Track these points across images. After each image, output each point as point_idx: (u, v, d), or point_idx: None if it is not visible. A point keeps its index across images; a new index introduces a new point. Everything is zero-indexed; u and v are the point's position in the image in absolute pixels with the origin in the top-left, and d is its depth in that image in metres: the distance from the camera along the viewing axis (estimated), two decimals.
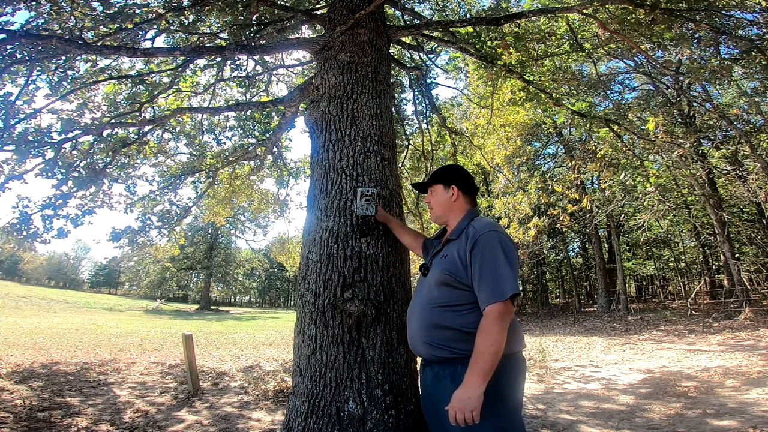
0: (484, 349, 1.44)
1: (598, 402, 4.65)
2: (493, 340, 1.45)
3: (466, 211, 1.81)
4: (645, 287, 28.52)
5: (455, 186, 1.84)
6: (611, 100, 12.09)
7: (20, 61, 4.12)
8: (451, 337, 1.58)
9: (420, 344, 1.69)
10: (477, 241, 1.59)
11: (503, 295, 1.48)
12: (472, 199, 1.87)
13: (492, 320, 1.47)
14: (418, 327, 1.70)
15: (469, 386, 1.43)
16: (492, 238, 1.58)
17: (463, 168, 1.97)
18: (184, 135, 7.32)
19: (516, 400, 1.58)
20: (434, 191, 1.91)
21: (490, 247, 1.57)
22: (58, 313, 21.28)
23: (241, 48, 4.17)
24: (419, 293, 1.79)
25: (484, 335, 1.47)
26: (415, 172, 7.86)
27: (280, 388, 5.00)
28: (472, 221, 1.72)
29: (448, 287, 1.62)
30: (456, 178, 1.87)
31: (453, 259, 1.64)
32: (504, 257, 1.55)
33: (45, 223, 5.51)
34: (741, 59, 4.85)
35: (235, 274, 44.29)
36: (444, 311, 1.62)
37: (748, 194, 12.66)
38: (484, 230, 1.61)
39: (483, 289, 1.53)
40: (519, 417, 1.57)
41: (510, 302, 1.50)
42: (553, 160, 21.33)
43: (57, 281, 54.24)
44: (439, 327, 1.61)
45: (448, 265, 1.64)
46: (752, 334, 9.38)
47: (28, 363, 6.39)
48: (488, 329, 1.47)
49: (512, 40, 5.11)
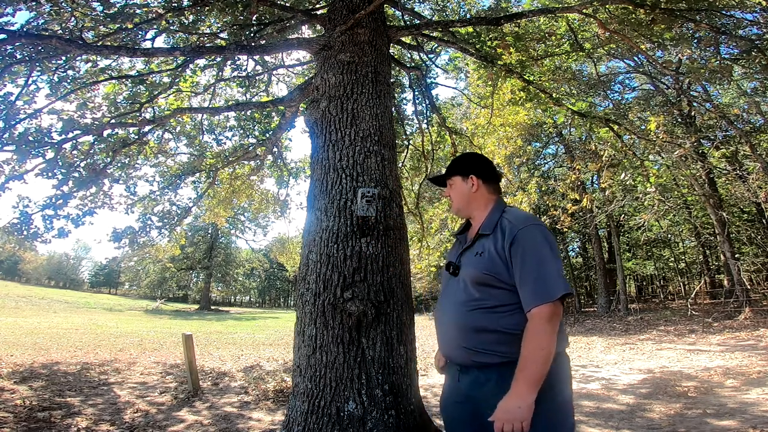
0: (533, 355, 1.33)
1: (598, 402, 4.65)
2: (542, 344, 1.33)
3: (493, 201, 1.67)
4: (645, 287, 28.53)
5: (474, 176, 1.69)
6: (611, 100, 12.10)
7: (20, 61, 4.13)
8: (495, 340, 1.45)
9: (457, 349, 1.54)
10: (516, 236, 1.45)
11: (552, 295, 1.36)
12: (496, 187, 1.72)
13: (540, 323, 1.35)
14: (455, 331, 1.55)
15: (517, 396, 1.31)
16: (534, 232, 1.46)
17: (482, 155, 1.82)
18: (184, 135, 7.32)
19: (566, 400, 1.46)
20: (453, 184, 1.76)
21: (532, 242, 1.44)
22: (58, 313, 21.28)
23: (241, 48, 4.18)
24: (450, 294, 1.62)
25: (532, 340, 1.35)
26: (415, 172, 7.86)
27: (280, 388, 5.00)
28: (504, 213, 1.58)
29: (487, 287, 1.49)
30: (474, 166, 1.72)
31: (491, 256, 1.49)
32: (550, 253, 1.42)
33: (45, 223, 5.52)
34: (741, 59, 4.85)
35: (235, 274, 44.32)
36: (485, 313, 1.48)
37: (748, 194, 12.66)
38: (524, 224, 1.48)
39: (527, 289, 1.40)
40: (571, 419, 1.46)
41: (560, 303, 1.38)
42: (553, 160, 21.33)
43: (57, 281, 54.25)
44: (481, 330, 1.48)
45: (485, 263, 1.50)
46: (752, 334, 9.38)
47: (28, 363, 6.39)
48: (536, 333, 1.35)
49: (512, 40, 5.12)
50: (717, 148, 13.67)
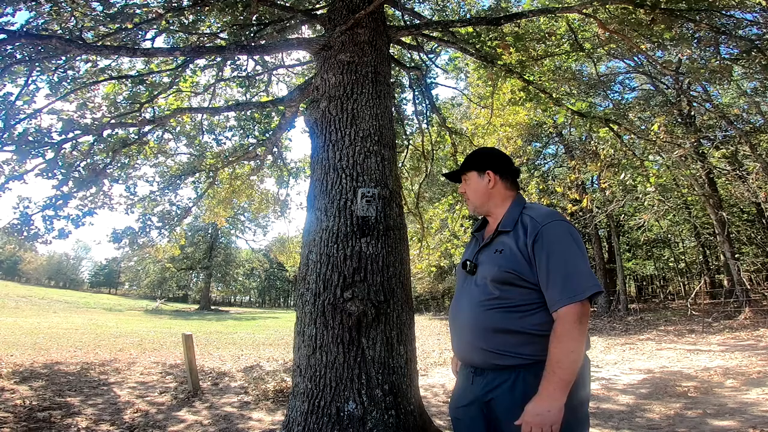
0: (563, 356, 1.28)
1: (598, 402, 4.65)
2: (573, 346, 1.28)
3: (512, 197, 1.61)
4: (645, 287, 28.53)
5: (491, 171, 1.62)
6: (611, 100, 12.10)
7: (20, 61, 4.13)
8: (515, 341, 1.39)
9: (475, 351, 1.47)
10: (540, 232, 1.39)
11: (580, 293, 1.30)
12: (514, 183, 1.65)
13: (569, 324, 1.29)
14: (473, 332, 1.48)
15: (547, 398, 1.27)
16: (559, 228, 1.40)
17: (498, 150, 1.75)
18: (184, 135, 7.32)
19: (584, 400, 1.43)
20: (468, 180, 1.69)
21: (558, 239, 1.38)
22: (58, 313, 21.28)
23: (241, 48, 4.18)
24: (466, 293, 1.55)
25: (562, 341, 1.29)
26: (415, 172, 7.86)
27: (280, 388, 5.00)
28: (524, 209, 1.52)
29: (509, 286, 1.42)
30: (490, 161, 1.65)
31: (512, 253, 1.43)
32: (577, 250, 1.37)
33: (46, 223, 5.52)
34: (741, 59, 4.85)
35: (235, 274, 44.31)
36: (505, 313, 1.42)
37: (748, 194, 12.66)
38: (547, 220, 1.42)
39: (554, 288, 1.33)
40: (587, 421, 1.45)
41: (588, 302, 1.33)
42: (553, 160, 21.35)
43: (57, 281, 54.26)
44: (500, 331, 1.41)
45: (507, 260, 1.44)
46: (752, 334, 9.38)
47: (28, 363, 6.39)
48: (566, 334, 1.29)
49: (512, 40, 5.12)
50: (717, 148, 13.67)
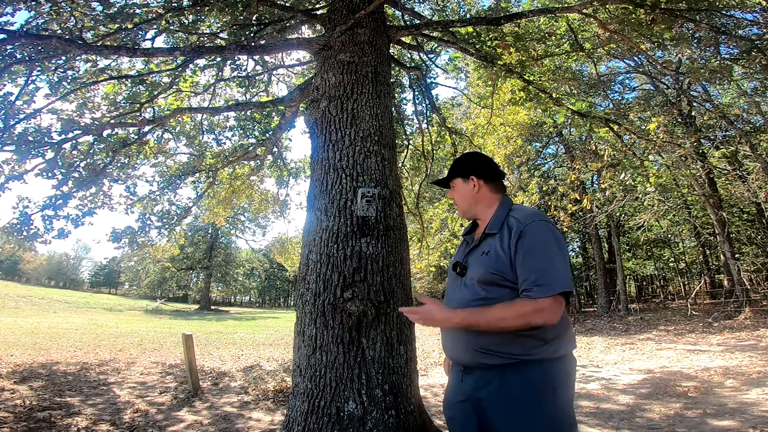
0: (493, 315, 1.37)
1: (598, 402, 4.65)
2: (508, 317, 1.35)
3: (498, 200, 1.65)
4: (645, 287, 28.53)
5: (474, 176, 1.67)
6: (611, 100, 12.10)
7: (20, 61, 4.12)
8: (501, 341, 1.43)
9: (464, 351, 1.53)
10: (523, 231, 1.44)
11: (552, 288, 1.34)
12: (499, 185, 1.70)
13: (528, 307, 1.34)
14: (461, 331, 1.52)
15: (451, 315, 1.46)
16: (541, 227, 1.45)
17: (481, 154, 1.81)
18: (184, 135, 7.32)
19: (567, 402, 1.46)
20: (455, 186, 1.75)
21: (540, 238, 1.43)
22: (58, 313, 21.28)
23: (241, 48, 4.18)
24: (455, 294, 1.62)
25: (507, 308, 1.36)
26: (415, 172, 7.86)
27: (280, 388, 5.00)
28: (510, 211, 1.56)
29: (494, 286, 1.48)
30: (474, 167, 1.70)
31: (497, 255, 1.48)
32: (557, 249, 1.41)
33: (45, 223, 5.52)
34: (741, 59, 4.85)
35: (235, 274, 44.29)
36: None
37: (748, 194, 12.66)
38: (530, 220, 1.47)
39: (528, 279, 1.38)
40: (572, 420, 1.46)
41: (560, 299, 1.36)
42: (553, 160, 21.34)
43: (57, 281, 54.25)
44: (488, 331, 1.46)
45: (492, 262, 1.49)
46: (752, 334, 9.38)
47: (28, 363, 6.39)
48: (514, 310, 1.35)
49: (512, 40, 5.12)
50: (717, 148, 13.68)
